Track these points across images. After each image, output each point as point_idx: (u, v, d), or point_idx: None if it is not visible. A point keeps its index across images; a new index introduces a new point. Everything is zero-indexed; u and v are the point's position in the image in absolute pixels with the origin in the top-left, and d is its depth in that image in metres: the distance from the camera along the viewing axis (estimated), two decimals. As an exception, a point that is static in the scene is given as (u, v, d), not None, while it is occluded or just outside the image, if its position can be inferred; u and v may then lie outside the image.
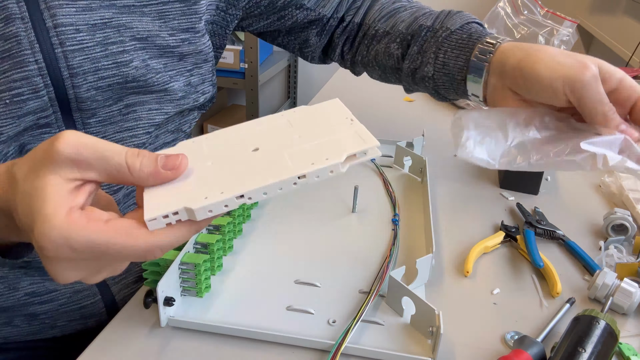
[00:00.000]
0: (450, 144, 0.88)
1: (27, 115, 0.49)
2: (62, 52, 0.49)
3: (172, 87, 0.59)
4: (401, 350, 0.45)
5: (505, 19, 1.12)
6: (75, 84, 0.51)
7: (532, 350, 0.44)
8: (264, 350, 0.45)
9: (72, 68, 0.50)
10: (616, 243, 0.62)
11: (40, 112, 0.50)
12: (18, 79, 0.48)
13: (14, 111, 0.48)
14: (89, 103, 0.53)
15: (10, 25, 0.47)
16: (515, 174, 0.73)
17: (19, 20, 0.47)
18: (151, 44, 0.56)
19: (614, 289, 0.51)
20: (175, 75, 0.59)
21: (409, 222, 0.64)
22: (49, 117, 0.51)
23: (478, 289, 0.54)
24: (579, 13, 1.77)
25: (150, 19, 0.55)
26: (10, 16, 0.47)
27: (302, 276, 0.53)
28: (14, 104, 0.48)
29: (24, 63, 0.48)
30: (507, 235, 0.62)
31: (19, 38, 0.47)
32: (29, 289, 0.58)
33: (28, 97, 0.49)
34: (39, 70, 0.48)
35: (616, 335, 0.44)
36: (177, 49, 0.58)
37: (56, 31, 0.49)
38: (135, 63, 0.54)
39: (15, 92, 0.48)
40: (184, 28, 0.57)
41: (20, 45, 0.47)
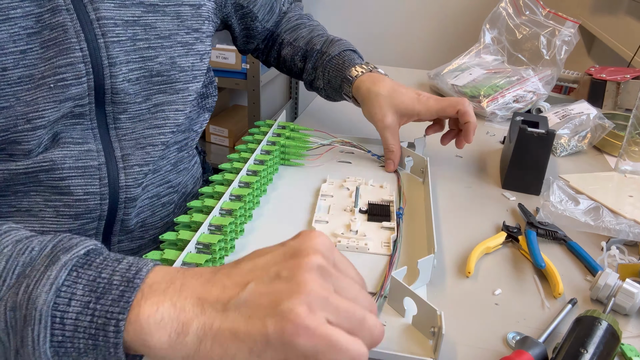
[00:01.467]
0: (451, 143, 0.88)
1: (68, 100, 0.52)
2: (104, 42, 0.53)
3: (193, 87, 0.64)
4: (403, 350, 0.45)
5: (507, 19, 1.12)
6: (112, 73, 0.55)
7: (534, 351, 0.44)
8: (265, 350, 0.45)
9: (112, 58, 0.54)
10: (618, 243, 0.62)
11: (78, 99, 0.53)
12: (63, 65, 0.51)
13: (57, 95, 0.51)
14: (122, 96, 0.56)
15: (57, 15, 0.50)
16: (517, 174, 0.73)
17: (65, 12, 0.51)
18: (174, 42, 0.61)
19: (616, 290, 0.51)
20: (200, 75, 0.64)
21: (411, 222, 0.64)
22: (84, 107, 0.54)
23: (480, 290, 0.54)
24: (580, 13, 1.77)
25: (170, 19, 0.60)
26: (56, 7, 0.50)
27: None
28: (57, 88, 0.51)
29: (70, 50, 0.51)
30: (508, 236, 0.62)
31: (65, 27, 0.51)
32: None
33: (71, 82, 0.52)
34: (82, 57, 0.52)
35: (618, 336, 0.44)
36: (195, 46, 0.63)
37: (99, 23, 0.53)
38: (160, 59, 0.59)
39: (60, 77, 0.51)
40: (195, 28, 0.63)
41: (66, 34, 0.51)
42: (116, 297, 0.34)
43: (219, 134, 2.40)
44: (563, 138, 0.87)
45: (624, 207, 0.68)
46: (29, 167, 0.53)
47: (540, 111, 1.00)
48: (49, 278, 0.34)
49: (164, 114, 0.61)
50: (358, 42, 2.71)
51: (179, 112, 0.63)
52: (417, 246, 0.59)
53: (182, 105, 0.63)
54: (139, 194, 0.62)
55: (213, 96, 0.75)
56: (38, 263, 0.36)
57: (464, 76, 1.08)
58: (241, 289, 0.34)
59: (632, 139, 0.79)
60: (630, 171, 0.80)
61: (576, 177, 0.78)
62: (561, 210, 0.64)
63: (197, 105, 0.70)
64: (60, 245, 0.37)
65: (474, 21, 2.25)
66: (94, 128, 0.57)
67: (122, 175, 0.59)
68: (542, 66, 1.06)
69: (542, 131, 0.70)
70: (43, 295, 0.34)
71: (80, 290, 0.35)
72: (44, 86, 0.50)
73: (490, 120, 1.00)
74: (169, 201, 0.68)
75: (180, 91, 0.62)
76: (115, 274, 0.36)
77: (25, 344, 0.34)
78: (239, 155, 0.70)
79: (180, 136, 0.67)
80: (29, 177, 0.54)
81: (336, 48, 0.82)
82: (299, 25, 0.88)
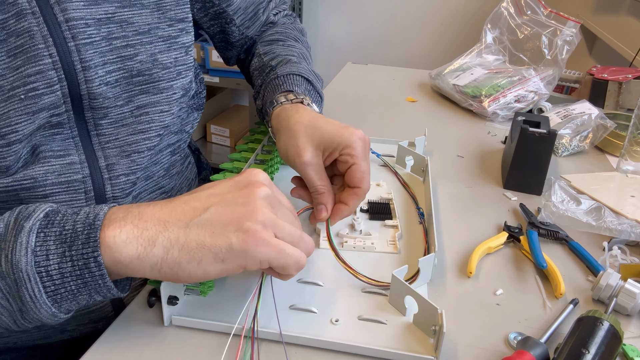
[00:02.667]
0: (453, 143, 0.88)
1: (42, 111, 0.49)
2: (75, 45, 0.50)
3: (178, 85, 0.59)
4: (404, 349, 0.45)
5: (509, 19, 1.12)
6: (87, 77, 0.51)
7: (536, 351, 0.44)
8: (266, 349, 0.45)
9: (85, 61, 0.51)
10: (620, 244, 0.62)
11: (53, 109, 0.50)
12: (32, 74, 0.48)
13: (29, 106, 0.48)
14: (100, 100, 0.53)
15: (22, 20, 0.47)
16: (519, 174, 0.73)
17: (30, 15, 0.47)
18: (155, 37, 0.56)
19: (617, 290, 0.51)
20: (185, 71, 0.60)
21: (411, 221, 0.64)
22: (61, 116, 0.51)
23: (481, 290, 0.54)
24: (582, 13, 1.76)
25: (149, 11, 0.56)
26: (21, 12, 0.47)
27: (305, 275, 0.53)
28: (29, 99, 0.48)
29: (38, 57, 0.48)
30: (510, 236, 0.62)
31: (31, 33, 0.47)
32: None
33: (43, 91, 0.49)
34: (52, 64, 0.49)
35: (620, 336, 0.44)
36: (179, 39, 0.59)
37: (68, 25, 0.49)
38: (140, 57, 0.55)
39: (30, 86, 0.48)
40: (180, 18, 0.59)
41: (33, 40, 0.47)
42: (84, 240, 0.40)
43: (220, 133, 2.40)
44: (564, 138, 0.86)
45: (626, 207, 0.68)
46: (8, 186, 0.50)
47: (542, 111, 1.00)
48: (22, 244, 0.40)
49: (148, 116, 0.57)
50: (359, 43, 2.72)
51: (164, 114, 0.59)
52: (418, 245, 0.59)
53: (167, 105, 0.59)
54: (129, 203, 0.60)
55: (201, 92, 0.71)
56: (7, 235, 0.41)
57: (465, 76, 1.07)
58: (202, 211, 0.42)
59: (634, 139, 0.79)
60: (632, 171, 0.80)
61: (578, 177, 0.78)
62: (563, 211, 0.64)
63: (185, 104, 0.65)
64: (21, 216, 0.42)
65: (476, 21, 2.25)
66: (75, 137, 0.53)
67: (109, 186, 0.56)
68: (544, 66, 1.06)
69: (543, 131, 0.70)
70: (22, 259, 0.39)
71: (52, 245, 0.40)
72: (14, 98, 0.47)
73: (491, 120, 1.00)
74: None
75: (164, 90, 0.58)
76: (77, 224, 0.41)
77: (25, 302, 0.40)
78: (240, 154, 0.70)
79: (173, 138, 0.64)
80: (9, 195, 0.51)
81: (288, 68, 0.69)
82: (279, 40, 0.79)
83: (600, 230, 0.62)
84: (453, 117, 1.01)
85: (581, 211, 0.65)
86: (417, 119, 1.00)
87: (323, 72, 2.99)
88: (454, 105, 1.07)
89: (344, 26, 2.46)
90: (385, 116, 1.01)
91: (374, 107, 1.05)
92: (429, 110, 1.05)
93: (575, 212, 0.64)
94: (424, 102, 1.09)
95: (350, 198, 0.56)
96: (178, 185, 0.70)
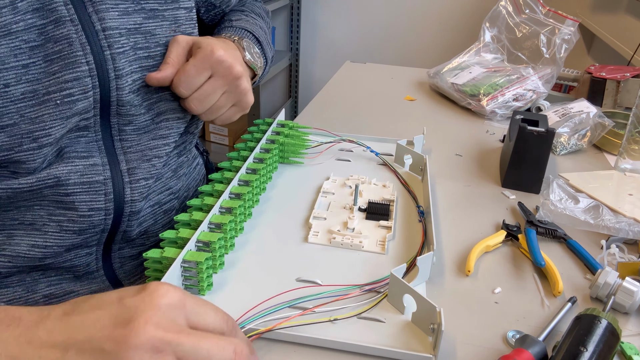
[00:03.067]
0: (451, 142, 0.88)
1: (74, 116, 0.50)
2: (110, 54, 0.51)
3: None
4: (402, 347, 0.45)
5: (507, 17, 1.12)
6: (119, 85, 0.52)
7: (534, 349, 0.44)
8: (264, 347, 0.45)
9: (118, 70, 0.52)
10: (618, 242, 0.62)
11: (84, 114, 0.51)
12: (70, 80, 0.49)
13: (64, 111, 0.49)
14: (127, 107, 0.54)
15: (60, 27, 0.48)
16: (517, 172, 0.73)
17: (69, 23, 0.48)
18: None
19: (615, 288, 0.51)
20: None
21: (410, 220, 0.64)
22: (89, 120, 0.52)
23: (479, 288, 0.54)
24: (580, 12, 1.77)
25: (168, 24, 0.58)
26: (60, 18, 0.48)
27: (303, 274, 0.53)
28: (64, 104, 0.49)
29: (76, 64, 0.49)
30: (508, 234, 0.62)
31: (70, 40, 0.48)
32: (47, 291, 0.57)
33: (78, 97, 0.49)
34: (89, 71, 0.50)
35: (618, 334, 0.44)
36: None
37: (105, 34, 0.51)
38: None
39: (66, 92, 0.49)
40: (189, 32, 0.60)
41: (71, 47, 0.48)
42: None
43: (219, 132, 2.40)
44: (563, 136, 0.86)
45: (624, 205, 0.68)
46: (33, 185, 0.51)
47: (540, 110, 1.00)
48: None
49: (167, 122, 0.60)
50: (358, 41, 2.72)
51: (180, 120, 0.61)
52: (416, 244, 0.59)
53: (182, 112, 0.61)
54: (143, 206, 0.60)
55: None
56: None
57: (463, 75, 1.07)
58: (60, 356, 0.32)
59: (632, 137, 0.79)
60: (630, 169, 0.80)
61: (576, 175, 0.78)
62: (561, 209, 0.64)
63: None
64: None
65: (474, 20, 2.25)
66: (99, 140, 0.55)
67: (128, 189, 0.57)
68: (542, 65, 1.06)
69: (541, 130, 0.70)
70: None
71: None
72: (49, 102, 0.48)
73: (490, 118, 1.00)
74: (170, 208, 0.67)
75: (179, 97, 0.60)
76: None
77: None
78: (239, 153, 0.70)
79: (179, 140, 0.66)
80: (33, 193, 0.52)
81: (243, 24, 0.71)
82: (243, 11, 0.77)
83: (599, 228, 0.62)
84: (451, 116, 1.02)
85: (579, 209, 0.65)
86: (415, 118, 1.00)
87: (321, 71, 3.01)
88: (453, 104, 1.07)
89: (343, 25, 2.46)
90: (383, 115, 1.01)
91: (372, 106, 1.05)
92: (428, 109, 1.05)
93: (573, 210, 0.64)
94: (423, 100, 1.10)
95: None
96: (185, 186, 0.71)
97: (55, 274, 0.58)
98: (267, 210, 0.65)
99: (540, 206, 0.65)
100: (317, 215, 0.63)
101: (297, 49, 2.52)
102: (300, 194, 0.69)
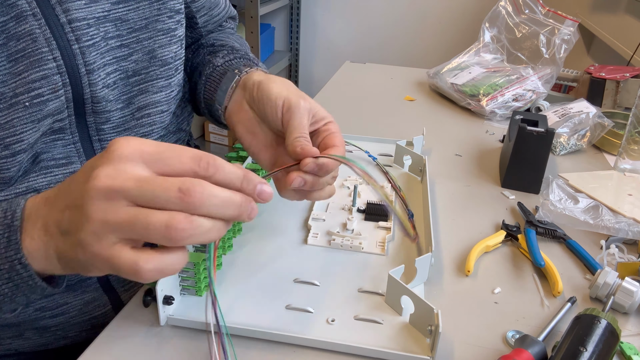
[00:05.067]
0: (451, 142, 0.88)
1: (47, 117, 0.47)
2: (79, 48, 0.48)
3: (176, 81, 0.57)
4: (400, 349, 0.44)
5: (507, 18, 1.11)
6: (91, 80, 0.49)
7: (533, 349, 0.43)
8: (263, 349, 0.45)
9: (88, 64, 0.48)
10: (617, 242, 0.62)
11: (57, 114, 0.48)
12: (37, 79, 0.45)
13: (34, 114, 0.46)
14: (103, 104, 0.51)
15: (22, 23, 0.44)
16: (517, 173, 0.73)
17: (32, 17, 0.44)
18: (153, 31, 0.54)
19: (615, 288, 0.51)
20: (181, 65, 0.58)
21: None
22: (63, 121, 0.49)
23: (479, 288, 0.54)
24: (580, 12, 1.76)
25: (147, 3, 0.53)
26: (21, 14, 0.44)
27: (301, 275, 0.53)
28: (34, 106, 0.45)
29: (42, 61, 0.45)
30: (508, 235, 0.62)
31: (33, 36, 0.45)
32: (39, 304, 0.55)
33: (48, 97, 0.46)
34: (57, 68, 0.46)
35: (617, 334, 0.44)
36: (177, 31, 0.57)
37: (71, 27, 0.47)
38: (135, 56, 0.53)
39: (34, 93, 0.45)
40: (177, 9, 0.57)
41: (35, 44, 0.45)
42: (6, 243, 0.38)
43: (219, 133, 2.40)
44: (562, 137, 0.86)
45: (624, 205, 0.68)
46: (9, 197, 0.47)
47: (540, 110, 1.00)
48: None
49: (149, 118, 0.55)
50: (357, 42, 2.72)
51: (164, 113, 0.57)
52: (414, 244, 0.59)
53: (167, 104, 0.57)
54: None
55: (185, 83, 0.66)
56: None
57: (463, 75, 1.07)
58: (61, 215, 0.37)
59: (632, 137, 0.79)
60: (630, 170, 0.80)
61: (575, 175, 0.77)
62: (560, 209, 0.64)
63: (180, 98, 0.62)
64: None
65: (474, 20, 2.25)
66: (76, 142, 0.51)
67: None
68: (542, 65, 1.06)
69: (541, 130, 0.70)
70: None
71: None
72: (17, 105, 0.44)
73: (489, 119, 1.00)
74: None
75: (163, 89, 0.56)
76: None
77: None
78: (237, 154, 0.70)
79: (172, 138, 0.63)
80: None
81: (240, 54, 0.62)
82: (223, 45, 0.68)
83: (598, 228, 0.62)
84: (451, 116, 1.01)
85: (579, 210, 0.65)
86: (415, 118, 1.00)
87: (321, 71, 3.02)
88: (452, 104, 1.07)
89: (342, 25, 2.46)
90: (383, 115, 1.00)
91: (372, 106, 1.05)
92: (427, 109, 1.05)
93: (573, 210, 0.64)
94: (422, 101, 1.09)
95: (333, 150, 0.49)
96: None
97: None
98: (265, 210, 0.65)
99: (540, 206, 0.65)
100: (315, 217, 0.63)
101: (296, 49, 2.52)
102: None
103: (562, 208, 0.64)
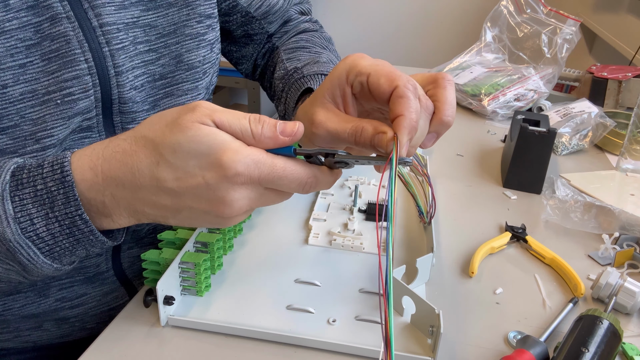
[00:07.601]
0: (452, 142, 0.88)
1: (76, 116, 0.49)
2: (109, 50, 0.50)
3: (203, 84, 0.59)
4: (401, 349, 0.44)
5: (508, 17, 1.11)
6: (119, 82, 0.51)
7: (535, 350, 0.43)
8: (263, 349, 0.45)
9: (117, 66, 0.51)
10: (630, 241, 0.61)
11: (86, 113, 0.50)
12: (69, 78, 0.48)
13: (65, 111, 0.48)
14: (130, 105, 0.53)
15: (57, 24, 0.47)
16: (518, 173, 0.73)
17: (66, 20, 0.47)
18: (181, 36, 0.56)
19: (617, 289, 0.51)
20: (209, 68, 0.60)
21: (410, 221, 0.63)
22: (91, 120, 0.51)
23: (481, 289, 0.54)
24: (582, 11, 1.76)
25: (176, 10, 0.55)
26: (56, 16, 0.46)
27: (302, 275, 0.53)
28: (65, 104, 0.48)
29: (74, 62, 0.48)
30: (513, 236, 0.61)
31: (67, 37, 0.47)
32: (59, 295, 0.57)
33: (78, 96, 0.48)
34: (88, 69, 0.49)
35: (619, 335, 0.44)
36: (206, 36, 0.58)
37: (102, 30, 0.49)
38: (162, 61, 0.55)
39: (66, 91, 0.48)
40: (208, 14, 0.58)
41: (69, 45, 0.47)
42: (64, 200, 0.39)
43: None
44: (564, 137, 0.86)
45: (626, 205, 0.68)
46: None
47: (542, 110, 0.99)
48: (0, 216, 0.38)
49: None
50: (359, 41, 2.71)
51: None
52: (416, 245, 0.59)
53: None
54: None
55: (213, 83, 0.67)
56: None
57: (465, 74, 1.07)
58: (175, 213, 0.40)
59: (634, 137, 0.79)
60: (632, 170, 0.80)
61: (577, 176, 0.77)
62: (568, 206, 0.63)
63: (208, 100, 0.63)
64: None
65: (475, 19, 2.25)
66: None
67: None
68: (544, 64, 1.05)
69: (543, 130, 0.70)
70: (7, 230, 0.38)
71: (32, 208, 0.39)
72: (49, 102, 0.47)
73: (491, 118, 1.00)
74: None
75: (189, 92, 0.58)
76: (47, 181, 0.39)
77: (25, 265, 0.40)
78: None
79: None
80: None
81: (315, 68, 0.62)
82: (304, 47, 0.70)
83: (602, 229, 0.62)
84: (452, 116, 1.01)
85: (581, 209, 0.64)
86: (416, 118, 0.99)
87: (322, 72, 2.89)
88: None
89: (344, 25, 2.46)
90: (384, 115, 1.00)
91: (373, 106, 1.05)
92: (428, 109, 1.05)
93: (575, 210, 0.64)
94: (423, 100, 1.09)
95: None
96: None
97: (67, 277, 0.57)
98: (265, 211, 0.65)
99: (546, 204, 0.65)
100: (316, 217, 0.63)
101: (298, 50, 2.52)
102: (299, 195, 0.68)
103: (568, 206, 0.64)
